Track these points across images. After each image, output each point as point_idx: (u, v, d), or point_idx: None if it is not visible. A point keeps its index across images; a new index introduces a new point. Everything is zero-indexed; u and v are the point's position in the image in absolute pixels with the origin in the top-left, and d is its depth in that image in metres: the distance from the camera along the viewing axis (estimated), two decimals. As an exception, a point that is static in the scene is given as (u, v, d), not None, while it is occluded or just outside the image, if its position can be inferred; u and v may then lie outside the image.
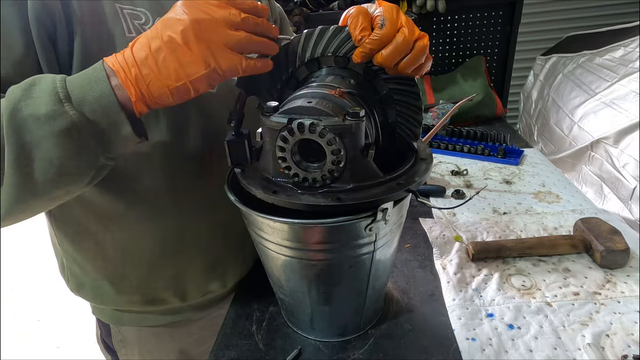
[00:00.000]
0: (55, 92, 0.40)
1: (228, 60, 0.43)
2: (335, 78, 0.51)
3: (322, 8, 1.61)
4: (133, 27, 0.56)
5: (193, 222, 0.65)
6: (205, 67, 0.42)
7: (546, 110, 1.77)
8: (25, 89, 0.41)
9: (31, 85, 0.41)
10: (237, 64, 0.43)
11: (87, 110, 0.41)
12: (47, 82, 0.41)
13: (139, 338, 0.73)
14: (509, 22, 1.56)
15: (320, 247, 0.50)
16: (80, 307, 2.31)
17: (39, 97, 0.40)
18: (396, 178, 0.49)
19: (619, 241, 0.71)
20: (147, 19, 0.57)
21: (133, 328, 0.73)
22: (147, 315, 0.71)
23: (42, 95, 0.40)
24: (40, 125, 0.40)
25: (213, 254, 0.69)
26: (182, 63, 0.42)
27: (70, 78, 0.43)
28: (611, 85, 1.40)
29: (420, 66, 0.47)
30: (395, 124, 0.54)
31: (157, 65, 0.42)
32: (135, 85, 0.42)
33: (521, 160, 1.16)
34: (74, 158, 0.42)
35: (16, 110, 0.40)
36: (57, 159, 0.41)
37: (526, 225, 0.85)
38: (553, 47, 2.07)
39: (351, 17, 0.46)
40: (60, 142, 0.40)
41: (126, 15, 0.55)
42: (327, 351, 0.60)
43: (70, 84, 0.42)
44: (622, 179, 1.19)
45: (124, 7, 0.55)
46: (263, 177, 0.51)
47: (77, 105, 0.41)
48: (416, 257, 0.78)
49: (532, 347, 0.57)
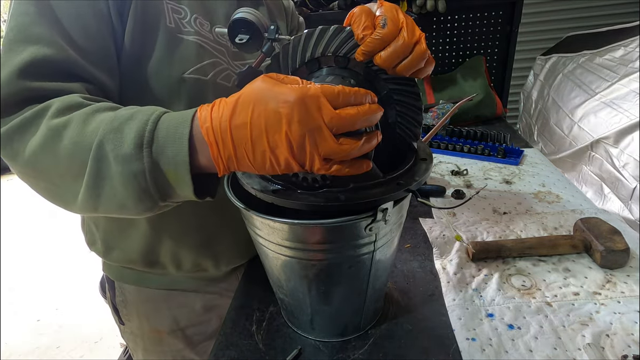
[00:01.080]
0: (142, 134, 0.43)
1: (315, 167, 0.40)
2: (335, 78, 0.51)
3: (322, 8, 1.61)
4: (173, 20, 0.62)
5: None
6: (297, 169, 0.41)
7: (546, 110, 1.77)
8: (123, 122, 0.44)
9: (128, 119, 0.44)
10: (322, 171, 0.41)
11: (162, 161, 0.44)
12: (141, 121, 0.44)
13: (138, 300, 0.80)
14: (509, 22, 1.55)
15: (320, 247, 0.50)
16: (80, 307, 2.31)
17: (127, 135, 0.43)
18: (396, 178, 0.49)
19: (619, 241, 0.71)
20: (186, 13, 0.64)
21: (133, 287, 0.79)
22: (146, 275, 0.77)
23: (129, 134, 0.43)
24: (117, 162, 0.43)
25: (206, 230, 0.74)
26: (280, 163, 0.40)
27: (165, 118, 0.45)
28: (611, 85, 1.40)
29: (421, 69, 0.47)
30: (395, 124, 0.54)
31: (254, 156, 0.41)
32: (226, 164, 0.43)
33: (521, 160, 1.16)
34: (135, 199, 0.45)
35: (105, 140, 0.44)
36: (120, 195, 0.45)
37: (526, 225, 0.85)
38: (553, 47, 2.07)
39: (355, 16, 0.46)
40: (127, 184, 0.44)
41: (169, 9, 0.62)
42: (327, 351, 0.60)
43: (161, 128, 0.44)
44: (622, 179, 1.19)
45: (169, 2, 0.62)
46: (263, 177, 0.51)
47: (155, 153, 0.43)
48: (416, 257, 0.78)
49: (532, 347, 0.57)
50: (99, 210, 0.48)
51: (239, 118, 0.40)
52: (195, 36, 0.64)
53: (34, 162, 0.47)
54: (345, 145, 0.39)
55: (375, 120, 0.42)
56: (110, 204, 0.46)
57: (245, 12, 0.53)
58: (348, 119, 0.39)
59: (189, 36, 0.64)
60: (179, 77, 0.63)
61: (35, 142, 0.46)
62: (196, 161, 0.44)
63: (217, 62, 0.68)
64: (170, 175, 0.44)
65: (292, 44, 0.52)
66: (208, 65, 0.66)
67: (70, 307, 2.33)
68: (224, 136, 0.41)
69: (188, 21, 0.64)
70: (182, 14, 0.64)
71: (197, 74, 0.65)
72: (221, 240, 0.77)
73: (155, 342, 0.83)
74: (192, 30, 0.64)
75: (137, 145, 0.43)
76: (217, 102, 0.43)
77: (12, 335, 2.16)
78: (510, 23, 1.55)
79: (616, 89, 1.37)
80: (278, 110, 0.38)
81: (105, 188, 0.45)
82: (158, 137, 0.43)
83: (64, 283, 2.52)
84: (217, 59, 0.68)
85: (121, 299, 0.81)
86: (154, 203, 0.46)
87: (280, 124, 0.38)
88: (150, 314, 0.81)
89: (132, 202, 0.45)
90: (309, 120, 0.38)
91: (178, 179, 0.44)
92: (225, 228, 0.76)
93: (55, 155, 0.46)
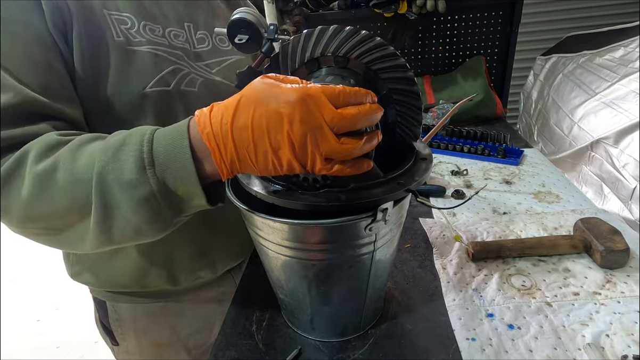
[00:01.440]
0: (141, 157, 0.42)
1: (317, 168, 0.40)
2: (335, 78, 0.51)
3: (322, 8, 1.61)
4: (120, 32, 0.58)
5: None
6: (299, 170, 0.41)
7: (546, 110, 1.77)
8: (116, 149, 0.43)
9: (121, 145, 0.43)
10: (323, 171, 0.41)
11: (168, 179, 0.43)
12: (136, 143, 0.43)
13: (133, 317, 0.76)
14: (509, 22, 1.55)
15: (320, 247, 0.50)
16: (80, 307, 2.31)
17: (125, 160, 0.42)
18: (396, 178, 0.49)
19: (619, 241, 0.71)
20: (133, 22, 0.59)
21: (127, 305, 0.76)
22: (140, 294, 0.75)
23: (128, 159, 0.42)
24: (122, 191, 0.42)
25: (201, 242, 0.73)
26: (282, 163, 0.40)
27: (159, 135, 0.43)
28: (611, 85, 1.40)
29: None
30: (395, 123, 0.54)
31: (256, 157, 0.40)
32: (229, 167, 0.42)
33: (521, 160, 1.16)
34: (150, 222, 0.45)
35: (104, 172, 0.43)
36: (133, 222, 0.44)
37: (526, 225, 0.85)
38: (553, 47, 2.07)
39: None
40: (139, 209, 0.43)
41: (114, 20, 0.58)
42: (327, 351, 0.60)
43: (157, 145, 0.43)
44: (622, 179, 1.19)
45: (111, 12, 0.57)
46: (263, 178, 0.51)
47: (159, 173, 0.42)
48: (416, 257, 0.78)
49: (532, 347, 0.57)
50: (114, 242, 0.47)
51: (240, 120, 0.39)
52: (148, 46, 0.60)
53: (29, 214, 0.45)
54: (346, 145, 0.39)
55: (376, 120, 0.42)
56: (125, 232, 0.45)
57: (244, 12, 0.53)
58: (349, 118, 0.38)
59: (141, 47, 0.60)
60: (140, 93, 0.59)
61: (26, 193, 0.44)
62: (202, 171, 0.43)
63: (177, 69, 0.64)
64: (180, 191, 0.43)
65: (292, 44, 0.52)
66: (168, 74, 0.63)
67: (70, 307, 2.33)
68: (225, 140, 0.40)
69: (137, 30, 0.60)
70: (129, 24, 0.59)
71: (158, 86, 0.61)
72: (215, 248, 0.75)
73: (154, 357, 0.80)
74: (144, 39, 0.60)
75: (140, 168, 0.42)
76: (215, 106, 0.42)
77: (12, 335, 2.16)
78: (510, 23, 1.55)
79: (616, 89, 1.37)
80: (279, 111, 0.38)
81: (116, 219, 0.44)
82: (158, 155, 0.42)
83: (64, 283, 2.52)
84: (176, 65, 0.64)
85: (115, 318, 0.77)
86: (169, 221, 0.46)
87: (282, 124, 0.38)
88: (148, 328, 0.77)
89: (146, 226, 0.45)
90: (311, 119, 0.37)
91: (189, 192, 0.44)
92: (217, 234, 0.74)
93: (52, 200, 0.44)
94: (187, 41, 0.67)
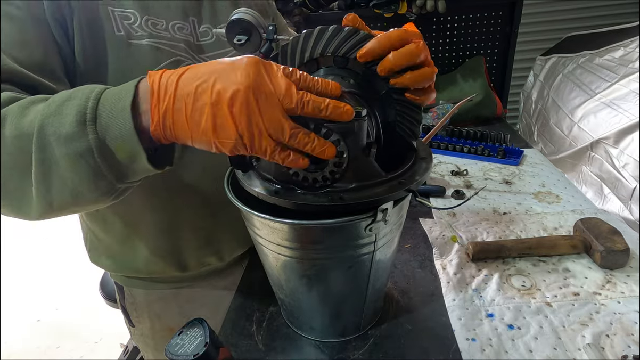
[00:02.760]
0: (83, 112, 0.40)
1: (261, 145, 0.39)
2: (335, 78, 0.50)
3: (322, 8, 1.61)
4: (122, 27, 0.60)
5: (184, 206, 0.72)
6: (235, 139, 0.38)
7: (546, 111, 1.77)
8: (60, 104, 0.41)
9: (67, 99, 0.41)
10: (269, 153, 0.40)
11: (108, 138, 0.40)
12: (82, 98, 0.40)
13: (147, 301, 0.81)
14: (509, 22, 1.55)
15: (320, 247, 0.50)
16: (80, 307, 2.31)
17: (67, 114, 0.40)
18: (397, 177, 0.49)
19: (619, 241, 0.71)
20: (135, 18, 0.62)
21: (142, 291, 0.81)
22: (153, 279, 0.79)
23: (70, 113, 0.40)
24: (59, 144, 0.40)
25: (206, 230, 0.76)
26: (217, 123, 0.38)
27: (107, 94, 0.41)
28: (611, 85, 1.40)
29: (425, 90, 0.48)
30: (395, 123, 0.54)
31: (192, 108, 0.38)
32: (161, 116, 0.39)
33: (521, 160, 1.16)
34: (87, 182, 0.42)
35: (45, 125, 0.40)
36: (70, 181, 0.41)
37: (526, 226, 0.85)
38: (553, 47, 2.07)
39: None
40: (74, 165, 0.40)
41: (117, 16, 0.60)
42: (327, 351, 0.59)
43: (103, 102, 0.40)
44: (622, 179, 1.19)
45: (114, 9, 0.60)
46: (264, 178, 0.51)
47: (100, 130, 0.40)
48: (416, 257, 0.78)
49: (532, 347, 0.57)
50: (54, 205, 0.44)
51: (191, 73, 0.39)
52: (148, 39, 0.62)
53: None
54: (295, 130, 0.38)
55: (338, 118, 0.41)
56: (63, 194, 0.42)
57: (243, 13, 0.52)
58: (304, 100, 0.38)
59: (141, 40, 0.62)
60: None
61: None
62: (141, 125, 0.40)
63: (178, 61, 0.65)
64: (119, 149, 0.40)
65: (291, 44, 0.52)
66: (168, 65, 0.64)
67: (70, 307, 2.33)
68: (168, 87, 0.38)
69: (139, 25, 0.62)
70: (132, 19, 0.61)
71: None
72: (220, 236, 0.77)
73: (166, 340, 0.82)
74: (145, 33, 0.62)
75: (80, 122, 0.39)
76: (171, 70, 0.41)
77: (12, 335, 2.16)
78: (510, 23, 1.55)
79: (616, 90, 1.37)
80: (233, 64, 0.37)
81: (53, 177, 0.41)
82: (101, 112, 0.40)
83: (64, 283, 2.52)
84: (177, 57, 0.65)
85: (131, 302, 0.83)
86: (110, 184, 0.43)
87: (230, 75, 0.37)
88: (161, 312, 0.82)
89: (85, 187, 0.42)
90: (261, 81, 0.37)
91: (129, 152, 0.40)
92: (221, 223, 0.76)
93: None
94: (191, 34, 0.69)
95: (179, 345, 0.48)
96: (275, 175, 0.49)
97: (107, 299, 1.27)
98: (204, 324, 0.50)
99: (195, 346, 0.48)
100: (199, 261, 0.77)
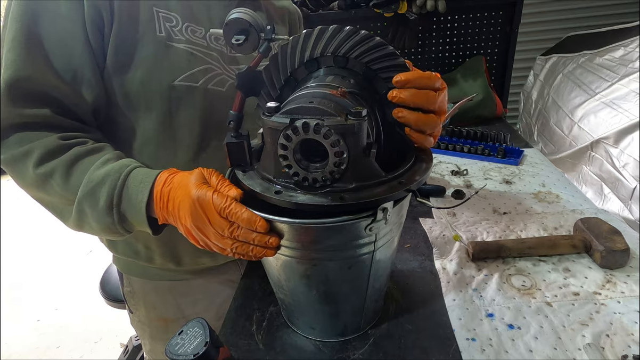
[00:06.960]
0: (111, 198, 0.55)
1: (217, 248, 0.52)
2: (335, 78, 0.50)
3: (322, 8, 1.61)
4: (164, 28, 0.64)
5: None
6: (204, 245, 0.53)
7: (546, 110, 1.77)
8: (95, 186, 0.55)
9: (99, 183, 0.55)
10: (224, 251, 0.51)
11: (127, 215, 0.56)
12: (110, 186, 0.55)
13: (144, 291, 0.85)
14: (509, 22, 1.55)
15: (320, 247, 0.50)
16: (80, 307, 2.31)
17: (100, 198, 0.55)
18: (397, 177, 0.49)
19: (619, 241, 0.71)
20: (177, 21, 0.66)
21: (139, 280, 0.84)
22: (150, 269, 0.82)
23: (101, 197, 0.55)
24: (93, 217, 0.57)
25: None
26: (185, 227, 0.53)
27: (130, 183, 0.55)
28: (611, 85, 1.40)
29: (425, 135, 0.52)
30: (395, 123, 0.54)
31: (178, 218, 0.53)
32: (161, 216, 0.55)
33: (521, 160, 1.16)
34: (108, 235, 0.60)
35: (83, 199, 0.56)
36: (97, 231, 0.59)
37: (526, 225, 0.85)
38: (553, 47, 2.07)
39: None
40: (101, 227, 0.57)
41: (160, 17, 0.64)
42: (327, 351, 0.59)
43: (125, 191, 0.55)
44: (622, 179, 1.19)
45: (160, 10, 0.64)
46: (264, 178, 0.51)
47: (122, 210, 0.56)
48: (416, 257, 0.78)
49: (532, 347, 0.57)
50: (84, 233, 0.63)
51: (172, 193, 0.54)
52: (185, 44, 0.66)
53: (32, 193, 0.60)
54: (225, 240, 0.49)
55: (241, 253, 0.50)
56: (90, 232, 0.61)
57: (240, 12, 0.52)
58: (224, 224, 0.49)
59: (180, 44, 0.65)
60: (168, 85, 0.66)
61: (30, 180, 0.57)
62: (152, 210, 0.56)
63: (209, 69, 0.69)
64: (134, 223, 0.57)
65: (291, 44, 0.52)
66: (199, 72, 0.68)
67: (70, 307, 2.33)
68: (165, 202, 0.54)
69: (180, 29, 0.66)
70: (174, 22, 0.65)
71: (187, 81, 0.67)
72: None
73: (161, 329, 0.87)
74: (183, 38, 0.66)
75: (108, 207, 0.56)
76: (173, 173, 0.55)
77: (12, 335, 2.16)
78: (510, 23, 1.55)
79: (616, 89, 1.37)
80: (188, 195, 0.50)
81: (85, 225, 0.59)
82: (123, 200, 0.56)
83: (64, 283, 2.52)
84: (209, 65, 0.69)
85: (129, 290, 0.86)
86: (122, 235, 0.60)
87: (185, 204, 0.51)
88: (156, 303, 0.85)
89: (105, 235, 0.60)
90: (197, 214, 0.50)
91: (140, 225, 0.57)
92: None
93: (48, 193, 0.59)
94: (226, 45, 0.72)
95: (179, 344, 0.48)
96: (276, 175, 0.49)
97: (107, 299, 1.27)
98: (204, 323, 0.51)
99: (195, 346, 0.48)
100: (193, 259, 0.79)
